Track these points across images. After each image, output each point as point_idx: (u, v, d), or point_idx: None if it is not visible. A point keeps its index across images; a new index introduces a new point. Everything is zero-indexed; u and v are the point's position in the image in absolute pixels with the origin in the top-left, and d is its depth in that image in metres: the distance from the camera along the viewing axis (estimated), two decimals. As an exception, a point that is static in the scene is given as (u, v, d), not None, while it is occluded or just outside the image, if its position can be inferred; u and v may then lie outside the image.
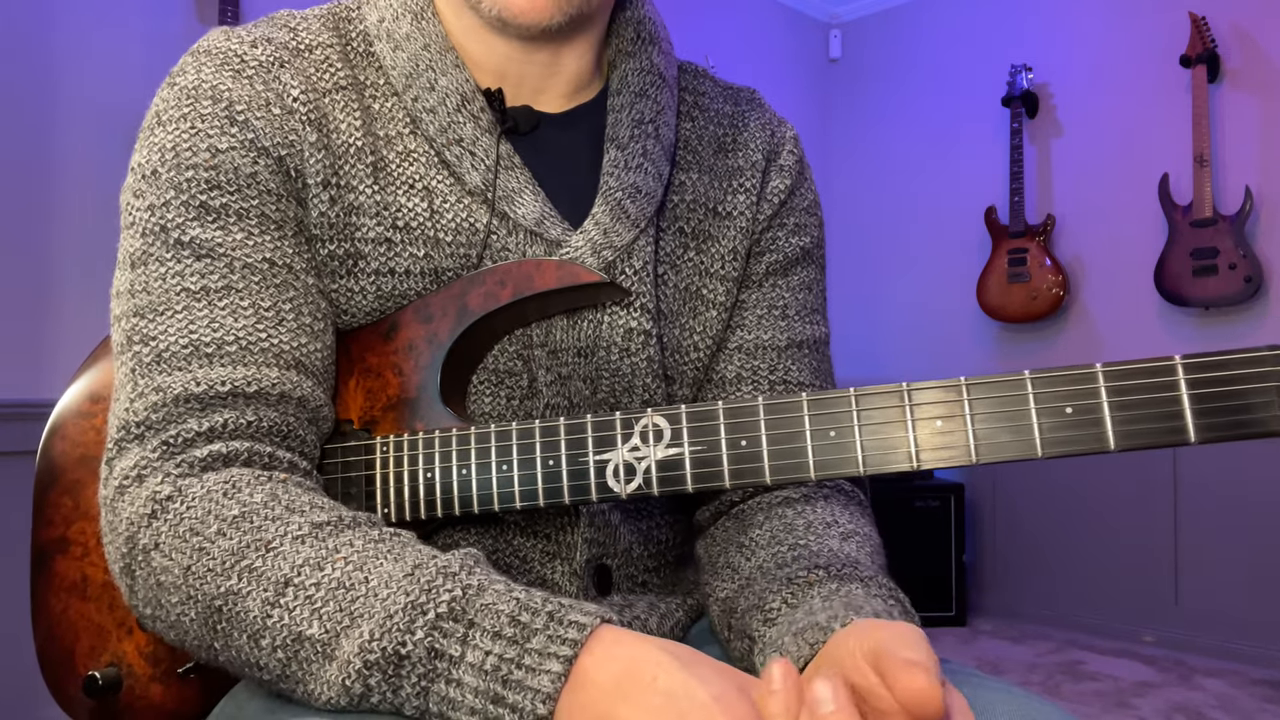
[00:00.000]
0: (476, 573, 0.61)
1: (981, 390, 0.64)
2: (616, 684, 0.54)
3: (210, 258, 0.75)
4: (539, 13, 0.78)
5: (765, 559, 0.79)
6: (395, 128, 0.82)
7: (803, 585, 0.71)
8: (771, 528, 0.82)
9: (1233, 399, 0.59)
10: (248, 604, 0.63)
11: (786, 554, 0.77)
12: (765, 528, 0.82)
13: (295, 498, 0.69)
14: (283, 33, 0.82)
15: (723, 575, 0.82)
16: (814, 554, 0.76)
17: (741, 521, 0.86)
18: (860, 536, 0.80)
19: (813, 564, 0.73)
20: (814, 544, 0.78)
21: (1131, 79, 3.74)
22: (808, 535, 0.79)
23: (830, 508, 0.83)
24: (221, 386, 0.73)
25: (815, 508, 0.83)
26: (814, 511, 0.82)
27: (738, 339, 0.90)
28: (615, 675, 0.54)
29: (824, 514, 0.82)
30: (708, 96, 0.94)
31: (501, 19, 0.79)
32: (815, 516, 0.82)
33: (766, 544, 0.80)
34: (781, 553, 0.78)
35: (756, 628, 0.72)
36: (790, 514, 0.83)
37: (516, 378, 0.82)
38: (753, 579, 0.78)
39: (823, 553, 0.76)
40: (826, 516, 0.82)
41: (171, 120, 0.78)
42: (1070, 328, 3.89)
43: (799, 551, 0.77)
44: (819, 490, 0.86)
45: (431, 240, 0.80)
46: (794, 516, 0.82)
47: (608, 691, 0.54)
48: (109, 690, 0.81)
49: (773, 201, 0.92)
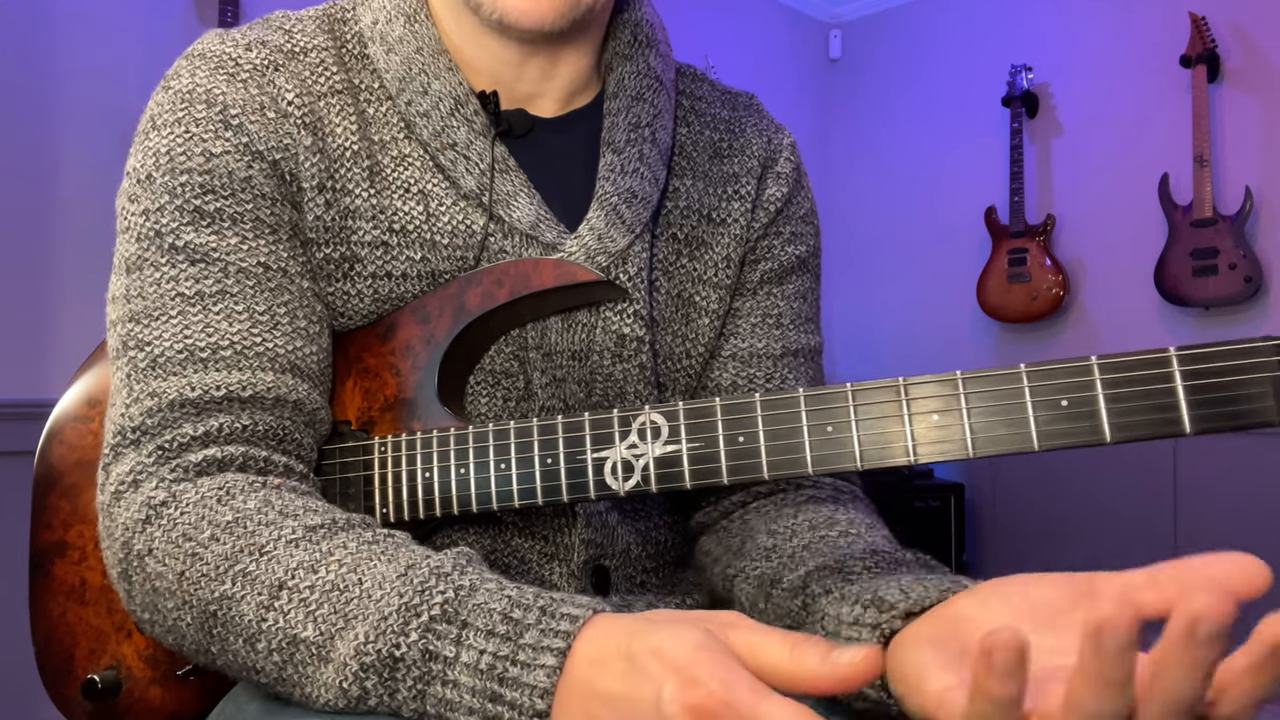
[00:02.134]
0: (469, 572, 0.61)
1: (977, 384, 0.64)
2: (591, 663, 0.53)
3: (205, 262, 0.75)
4: (540, 16, 0.77)
5: (812, 540, 0.78)
6: (390, 132, 0.81)
7: (888, 559, 0.70)
8: (809, 518, 0.81)
9: (1228, 390, 0.59)
10: (242, 608, 0.63)
11: (838, 539, 0.77)
12: (801, 518, 0.81)
13: (289, 502, 0.68)
14: (277, 35, 0.82)
15: (752, 556, 0.80)
16: (871, 543, 0.75)
17: (765, 515, 0.85)
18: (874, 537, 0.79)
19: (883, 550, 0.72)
20: (866, 535, 0.77)
21: (1131, 79, 3.74)
22: (851, 529, 0.78)
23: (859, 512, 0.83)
24: (216, 391, 0.73)
25: (847, 509, 0.83)
26: (851, 511, 0.82)
27: (732, 347, 0.90)
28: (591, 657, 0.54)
29: (862, 515, 0.82)
30: (705, 101, 0.94)
31: (502, 22, 0.78)
32: (856, 515, 0.81)
33: (807, 529, 0.79)
34: (831, 537, 0.77)
35: (832, 584, 0.69)
36: (826, 510, 0.82)
37: (513, 379, 0.82)
38: (798, 555, 0.76)
39: (880, 545, 0.75)
40: (866, 519, 0.82)
41: (166, 124, 0.77)
42: (1070, 328, 3.89)
43: (852, 539, 0.76)
44: (841, 494, 0.86)
45: (428, 243, 0.80)
46: (831, 512, 0.82)
47: (585, 674, 0.53)
48: (108, 693, 0.81)
49: (768, 209, 0.91)
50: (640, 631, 0.52)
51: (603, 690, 0.52)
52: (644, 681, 0.50)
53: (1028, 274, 3.84)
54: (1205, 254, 3.39)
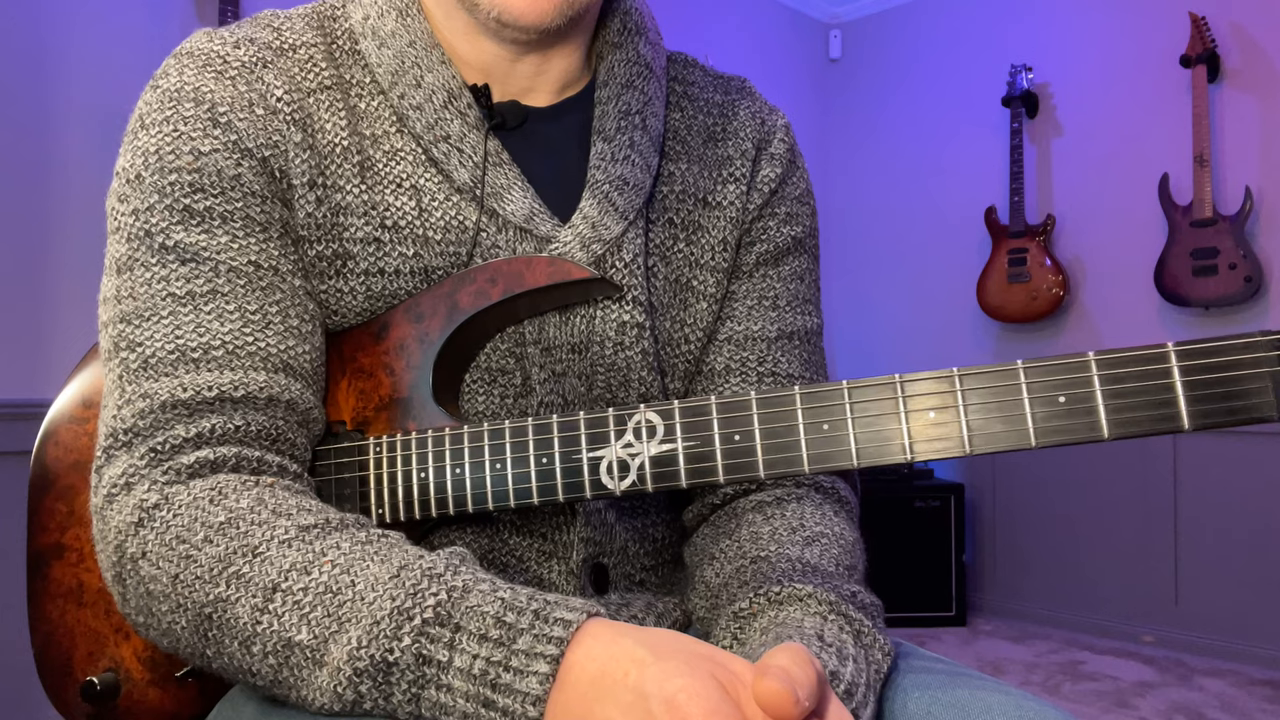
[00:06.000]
0: (462, 572, 0.60)
1: (974, 380, 0.64)
2: (593, 683, 0.53)
3: (195, 262, 0.75)
4: (539, 14, 0.77)
5: (728, 575, 0.79)
6: (382, 126, 0.81)
7: (747, 619, 0.71)
8: (739, 537, 0.82)
9: (1226, 385, 0.59)
10: (237, 611, 0.63)
11: (747, 568, 0.78)
12: (735, 537, 0.82)
13: (282, 502, 0.68)
14: (266, 33, 0.81)
15: (698, 590, 0.83)
16: (772, 566, 0.76)
17: (716, 529, 0.86)
18: (826, 539, 0.80)
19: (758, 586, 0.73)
20: (774, 554, 0.78)
21: (1131, 79, 3.74)
22: (770, 545, 0.79)
23: (801, 510, 0.83)
24: (208, 392, 0.72)
25: (785, 511, 0.83)
26: (781, 517, 0.82)
27: (727, 330, 0.90)
28: (593, 674, 0.54)
29: (792, 518, 0.82)
30: (697, 86, 0.93)
31: (501, 20, 0.78)
32: (781, 523, 0.81)
33: (733, 557, 0.80)
34: (743, 566, 0.78)
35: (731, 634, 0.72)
36: (759, 520, 0.83)
37: (510, 376, 0.82)
38: (718, 596, 0.78)
39: (780, 564, 0.76)
40: (793, 521, 0.81)
41: (154, 123, 0.77)
42: (1070, 328, 3.89)
43: (759, 566, 0.77)
44: (794, 491, 0.86)
45: (421, 239, 0.80)
46: (762, 523, 0.82)
47: (584, 692, 0.53)
48: (107, 695, 0.81)
49: (763, 190, 0.91)
50: (652, 667, 0.52)
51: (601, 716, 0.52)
52: None
53: (1028, 274, 3.83)
54: (1205, 254, 3.39)
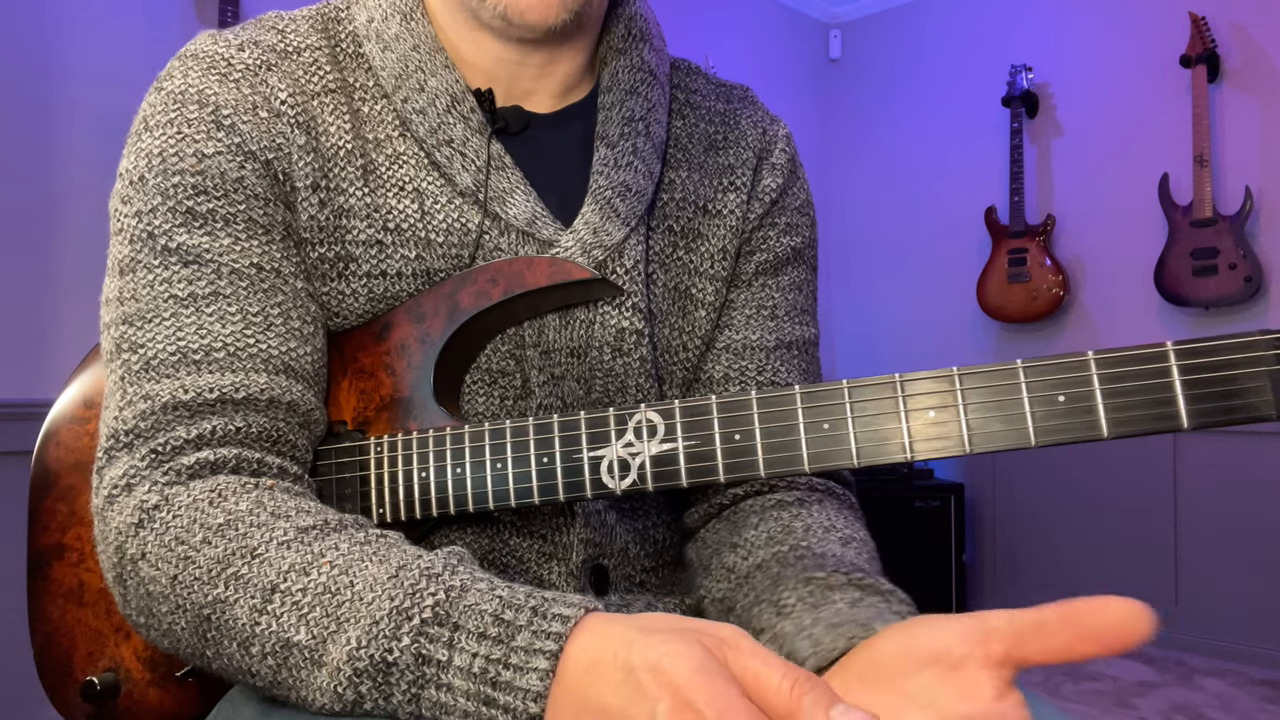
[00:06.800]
0: (460, 571, 0.60)
1: (974, 380, 0.64)
2: (586, 670, 0.53)
3: (197, 264, 0.75)
4: (545, 12, 0.77)
5: (765, 557, 0.78)
6: (385, 130, 0.81)
7: (821, 585, 0.70)
8: (769, 529, 0.81)
9: (1225, 384, 0.59)
10: (235, 612, 0.63)
11: (789, 554, 0.77)
12: (761, 529, 0.81)
13: (281, 503, 0.68)
14: (270, 35, 0.81)
15: (716, 575, 0.81)
16: (819, 556, 0.75)
17: (734, 523, 0.85)
18: (858, 542, 0.79)
19: (825, 567, 0.72)
20: (816, 547, 0.77)
21: (1131, 79, 3.74)
22: (808, 538, 0.78)
23: (825, 511, 0.83)
24: (210, 393, 0.72)
25: (811, 511, 0.82)
26: (810, 515, 0.82)
27: (726, 339, 0.90)
28: (586, 664, 0.53)
29: (820, 518, 0.81)
30: (700, 94, 0.93)
31: (506, 19, 0.78)
32: (813, 520, 0.81)
33: (764, 544, 0.79)
34: (783, 553, 0.77)
35: (767, 620, 0.70)
36: (786, 516, 0.82)
37: (509, 378, 0.82)
38: (751, 576, 0.77)
39: (828, 557, 0.75)
40: (824, 520, 0.81)
41: (158, 125, 0.77)
42: (1070, 328, 3.89)
43: (802, 553, 0.76)
44: (811, 494, 0.86)
45: (423, 242, 0.80)
46: (790, 519, 0.81)
47: (580, 680, 0.53)
48: (107, 695, 0.81)
49: (763, 200, 0.91)
50: (638, 642, 0.52)
51: (596, 700, 0.52)
52: (639, 697, 0.50)
53: (1028, 274, 3.84)
54: (1205, 254, 3.39)
